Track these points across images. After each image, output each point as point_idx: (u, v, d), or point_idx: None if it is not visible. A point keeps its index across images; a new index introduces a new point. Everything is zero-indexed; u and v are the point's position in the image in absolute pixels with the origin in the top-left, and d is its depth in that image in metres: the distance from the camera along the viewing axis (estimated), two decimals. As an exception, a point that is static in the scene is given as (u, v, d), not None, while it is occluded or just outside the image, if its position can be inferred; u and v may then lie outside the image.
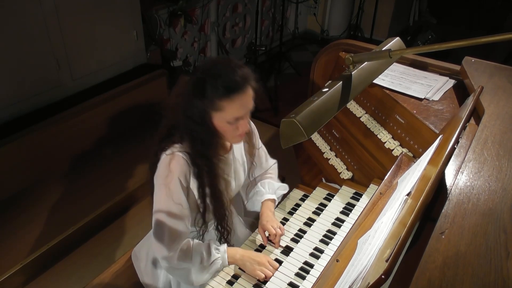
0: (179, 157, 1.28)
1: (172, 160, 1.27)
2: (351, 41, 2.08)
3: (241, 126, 1.28)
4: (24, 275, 1.86)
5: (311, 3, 5.42)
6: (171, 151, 1.28)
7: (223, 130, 1.28)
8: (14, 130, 2.28)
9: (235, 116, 1.24)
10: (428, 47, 1.03)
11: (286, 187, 1.67)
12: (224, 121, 1.25)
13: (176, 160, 1.27)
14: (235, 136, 1.32)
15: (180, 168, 1.27)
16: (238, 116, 1.24)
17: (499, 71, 1.71)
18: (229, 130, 1.28)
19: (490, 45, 2.01)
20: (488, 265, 0.86)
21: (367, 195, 1.64)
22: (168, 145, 1.30)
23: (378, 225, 1.13)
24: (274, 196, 1.60)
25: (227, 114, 1.23)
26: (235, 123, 1.26)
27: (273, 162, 1.70)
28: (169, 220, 1.29)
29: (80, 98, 2.65)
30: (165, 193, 1.28)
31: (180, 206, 1.29)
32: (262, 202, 1.59)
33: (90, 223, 2.10)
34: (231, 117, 1.24)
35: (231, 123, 1.26)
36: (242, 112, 1.25)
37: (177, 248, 1.32)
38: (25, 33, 2.36)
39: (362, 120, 1.82)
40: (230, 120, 1.25)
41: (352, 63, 1.17)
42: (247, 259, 1.38)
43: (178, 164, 1.27)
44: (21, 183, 2.25)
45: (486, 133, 1.30)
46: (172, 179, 1.27)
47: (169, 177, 1.27)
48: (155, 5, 3.40)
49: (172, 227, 1.30)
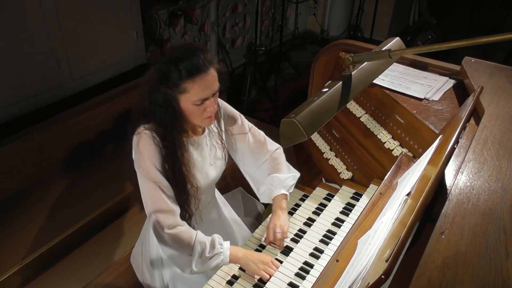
0: (146, 135, 1.32)
1: (140, 140, 1.32)
2: (351, 41, 2.08)
3: (208, 107, 1.31)
4: (24, 275, 1.86)
5: (311, 3, 5.42)
6: (137, 132, 1.34)
7: (191, 112, 1.32)
8: (14, 130, 2.28)
9: (200, 98, 1.28)
10: (428, 47, 1.03)
11: (296, 176, 1.62)
12: (190, 103, 1.29)
13: (143, 139, 1.32)
14: (204, 119, 1.35)
15: (147, 147, 1.32)
16: (203, 97, 1.29)
17: (499, 71, 1.71)
18: (197, 112, 1.32)
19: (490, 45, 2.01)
20: (488, 265, 0.86)
21: (367, 195, 1.64)
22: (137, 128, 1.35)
23: (378, 225, 1.13)
24: (283, 190, 1.56)
25: (192, 96, 1.28)
26: (202, 104, 1.30)
27: (276, 147, 1.65)
28: (152, 197, 1.32)
29: (80, 98, 2.65)
30: (140, 173, 1.33)
31: (156, 183, 1.32)
32: (273, 199, 1.56)
33: (90, 223, 2.10)
34: (196, 99, 1.28)
35: (198, 105, 1.30)
36: (207, 93, 1.29)
37: (172, 226, 1.31)
38: (25, 33, 2.36)
39: (362, 120, 1.82)
40: (196, 102, 1.29)
41: (352, 63, 1.17)
42: (250, 258, 1.37)
43: (145, 143, 1.32)
44: (21, 183, 2.24)
45: (486, 133, 1.30)
46: (143, 159, 1.32)
47: (140, 158, 1.32)
48: (155, 5, 3.40)
49: (156, 203, 1.31)
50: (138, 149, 1.32)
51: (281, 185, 1.56)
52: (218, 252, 1.35)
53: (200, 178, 1.45)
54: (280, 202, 1.54)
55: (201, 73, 1.25)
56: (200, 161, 1.47)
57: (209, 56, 1.28)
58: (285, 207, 1.54)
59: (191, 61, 1.25)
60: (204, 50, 1.28)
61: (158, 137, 1.33)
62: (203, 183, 1.47)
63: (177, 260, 1.34)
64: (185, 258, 1.32)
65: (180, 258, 1.33)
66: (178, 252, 1.32)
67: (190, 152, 1.42)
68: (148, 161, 1.31)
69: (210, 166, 1.50)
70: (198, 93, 1.27)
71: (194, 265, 1.31)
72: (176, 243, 1.31)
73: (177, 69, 1.24)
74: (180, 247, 1.31)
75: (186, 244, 1.31)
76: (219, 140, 1.53)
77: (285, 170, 1.61)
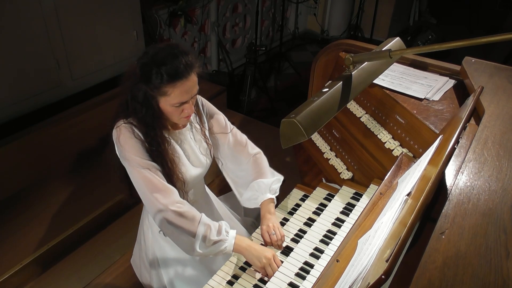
0: (125, 128, 1.35)
1: (120, 134, 1.35)
2: (351, 41, 2.08)
3: (186, 109, 1.35)
4: (24, 275, 1.86)
5: (311, 3, 5.42)
6: (116, 125, 1.36)
7: (169, 112, 1.35)
8: (14, 130, 2.28)
9: (179, 101, 1.31)
10: (428, 47, 1.03)
11: (280, 179, 1.64)
12: (169, 105, 1.32)
13: (122, 132, 1.35)
14: (181, 118, 1.38)
15: (128, 140, 1.34)
16: (182, 101, 1.32)
17: (499, 71, 1.71)
18: (175, 113, 1.35)
19: (490, 45, 2.01)
20: (488, 265, 0.86)
21: (367, 195, 1.64)
22: (116, 122, 1.38)
23: (378, 225, 1.13)
24: (270, 194, 1.57)
25: (172, 99, 1.31)
26: (180, 106, 1.33)
27: (257, 151, 1.66)
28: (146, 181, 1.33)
29: (80, 98, 2.65)
30: (128, 164, 1.35)
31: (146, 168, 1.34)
32: (260, 204, 1.57)
33: (90, 223, 2.10)
34: (176, 102, 1.31)
35: (177, 107, 1.33)
36: (186, 97, 1.32)
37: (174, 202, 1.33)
38: (25, 33, 2.36)
39: (362, 120, 1.82)
40: (175, 104, 1.32)
41: (352, 63, 1.17)
42: (253, 251, 1.37)
43: (125, 136, 1.35)
44: (21, 183, 2.24)
45: (486, 133, 1.30)
46: (127, 151, 1.34)
47: (123, 150, 1.35)
48: (155, 5, 3.40)
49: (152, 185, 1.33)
50: (120, 142, 1.35)
51: (267, 190, 1.57)
52: (223, 238, 1.35)
53: (185, 171, 1.46)
54: (268, 206, 1.55)
55: (182, 79, 1.27)
56: (186, 154, 1.49)
57: (191, 60, 1.30)
58: (273, 212, 1.55)
59: (173, 66, 1.26)
60: (186, 53, 1.30)
61: (139, 132, 1.35)
62: (189, 176, 1.48)
63: (180, 240, 1.34)
64: (188, 238, 1.31)
65: (183, 239, 1.32)
66: (181, 232, 1.31)
67: (174, 146, 1.44)
68: (132, 151, 1.34)
69: (196, 160, 1.51)
70: (178, 97, 1.30)
71: (197, 246, 1.31)
72: (179, 222, 1.31)
73: (159, 72, 1.26)
74: (183, 225, 1.31)
75: (190, 224, 1.31)
76: (202, 135, 1.55)
77: (269, 175, 1.61)
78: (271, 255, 1.37)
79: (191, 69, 1.29)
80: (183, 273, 1.55)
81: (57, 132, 2.37)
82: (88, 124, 2.51)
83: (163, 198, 1.32)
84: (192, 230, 1.31)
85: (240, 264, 1.43)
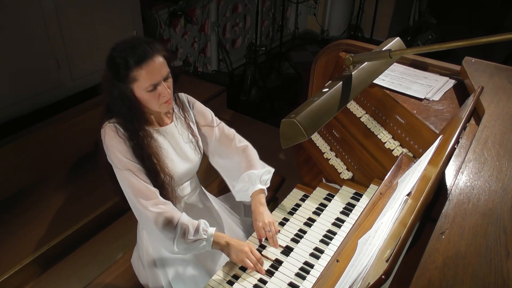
0: (109, 128, 1.37)
1: (105, 134, 1.37)
2: (351, 41, 2.08)
3: (161, 92, 1.34)
4: (24, 275, 1.86)
5: (311, 3, 5.42)
6: (102, 126, 1.39)
7: (146, 99, 1.35)
8: (14, 130, 2.28)
9: (151, 83, 1.31)
10: (428, 47, 1.03)
11: (271, 170, 1.63)
12: (143, 90, 1.32)
13: (107, 132, 1.37)
14: (161, 104, 1.37)
15: (112, 139, 1.36)
16: (153, 82, 1.31)
17: (499, 71, 1.71)
18: (152, 99, 1.35)
19: (490, 45, 2.01)
20: (488, 265, 0.86)
21: (367, 195, 1.64)
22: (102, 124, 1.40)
23: (378, 225, 1.13)
24: (260, 185, 1.56)
25: (143, 83, 1.31)
26: (155, 90, 1.33)
27: (245, 144, 1.66)
28: (129, 183, 1.36)
29: (80, 98, 2.65)
30: (114, 165, 1.38)
31: (130, 169, 1.36)
32: (251, 196, 1.56)
33: (90, 223, 2.10)
34: (147, 85, 1.31)
35: (151, 91, 1.33)
36: (156, 78, 1.32)
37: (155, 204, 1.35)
38: (25, 33, 2.36)
39: (362, 120, 1.82)
40: (148, 88, 1.32)
41: (352, 63, 1.17)
42: (232, 247, 1.40)
43: (110, 135, 1.36)
44: (21, 183, 2.25)
45: (486, 133, 1.30)
46: (112, 151, 1.36)
47: (109, 150, 1.37)
48: (155, 5, 3.40)
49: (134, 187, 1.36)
50: (105, 143, 1.37)
51: (257, 180, 1.57)
52: (201, 237, 1.38)
53: (172, 166, 1.47)
54: (258, 197, 1.55)
55: (147, 60, 1.29)
56: (173, 149, 1.50)
57: (156, 45, 1.32)
58: (264, 202, 1.55)
59: (135, 51, 1.29)
60: (149, 41, 1.33)
61: (122, 129, 1.37)
62: (177, 171, 1.49)
63: (160, 240, 1.38)
64: (167, 238, 1.35)
65: (162, 238, 1.36)
66: (160, 231, 1.35)
67: (158, 142, 1.45)
68: (116, 152, 1.36)
69: (184, 154, 1.53)
70: (148, 79, 1.30)
71: (175, 246, 1.36)
72: (159, 222, 1.34)
73: (124, 60, 1.28)
74: (163, 226, 1.34)
75: (170, 225, 1.34)
76: (189, 130, 1.56)
77: (259, 166, 1.61)
78: (248, 248, 1.40)
79: (154, 51, 1.31)
80: (180, 273, 1.55)
81: (57, 132, 2.37)
82: (88, 124, 2.51)
83: (143, 199, 1.35)
84: (170, 230, 1.35)
85: (240, 264, 1.43)
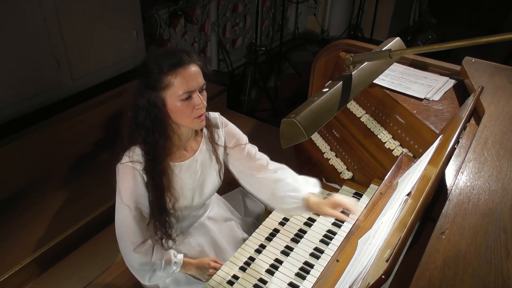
0: (127, 167, 1.32)
1: (120, 175, 1.33)
2: (351, 41, 2.08)
3: (196, 102, 1.27)
4: (24, 275, 1.86)
5: (311, 3, 5.42)
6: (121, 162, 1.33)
7: (179, 110, 1.27)
8: (14, 130, 2.28)
9: (185, 90, 1.24)
10: (428, 47, 1.03)
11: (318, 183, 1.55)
12: (177, 98, 1.25)
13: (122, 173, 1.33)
14: (194, 119, 1.30)
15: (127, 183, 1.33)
16: (188, 89, 1.25)
17: (499, 71, 1.71)
18: (186, 110, 1.27)
19: (490, 45, 2.01)
20: (488, 265, 0.86)
21: (367, 195, 1.64)
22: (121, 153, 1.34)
23: (378, 225, 1.13)
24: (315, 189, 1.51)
25: (177, 89, 1.24)
26: (189, 99, 1.26)
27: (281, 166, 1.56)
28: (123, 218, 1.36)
29: (80, 98, 2.65)
30: (118, 195, 1.35)
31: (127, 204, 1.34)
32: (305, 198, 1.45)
33: (90, 223, 2.09)
34: (182, 92, 1.24)
35: (184, 100, 1.26)
36: (192, 85, 1.25)
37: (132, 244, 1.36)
38: (25, 33, 2.36)
39: (362, 120, 1.82)
40: (182, 96, 1.25)
41: (352, 63, 1.17)
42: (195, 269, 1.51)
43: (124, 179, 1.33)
44: (21, 183, 2.24)
45: (486, 133, 1.29)
46: (122, 192, 1.34)
47: (120, 188, 1.34)
48: (155, 5, 3.39)
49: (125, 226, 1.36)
50: (118, 181, 1.35)
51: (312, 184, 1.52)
52: (171, 270, 1.45)
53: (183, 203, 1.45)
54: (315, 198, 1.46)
55: (184, 65, 1.24)
56: (191, 183, 1.45)
57: (193, 54, 1.29)
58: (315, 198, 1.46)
59: (171, 56, 1.25)
60: (186, 50, 1.28)
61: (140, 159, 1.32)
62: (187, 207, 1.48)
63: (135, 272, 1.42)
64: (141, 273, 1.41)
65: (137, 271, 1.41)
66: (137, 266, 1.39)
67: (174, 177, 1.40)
68: (125, 193, 1.33)
69: (200, 188, 1.49)
70: (183, 86, 1.24)
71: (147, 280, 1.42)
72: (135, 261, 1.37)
73: (158, 65, 1.24)
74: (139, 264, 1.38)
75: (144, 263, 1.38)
76: (214, 154, 1.49)
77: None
78: (206, 263, 1.51)
79: (190, 58, 1.27)
80: (179, 274, 1.54)
81: (57, 132, 2.37)
82: (88, 124, 2.51)
83: (128, 239, 1.36)
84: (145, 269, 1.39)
85: (240, 264, 1.43)
